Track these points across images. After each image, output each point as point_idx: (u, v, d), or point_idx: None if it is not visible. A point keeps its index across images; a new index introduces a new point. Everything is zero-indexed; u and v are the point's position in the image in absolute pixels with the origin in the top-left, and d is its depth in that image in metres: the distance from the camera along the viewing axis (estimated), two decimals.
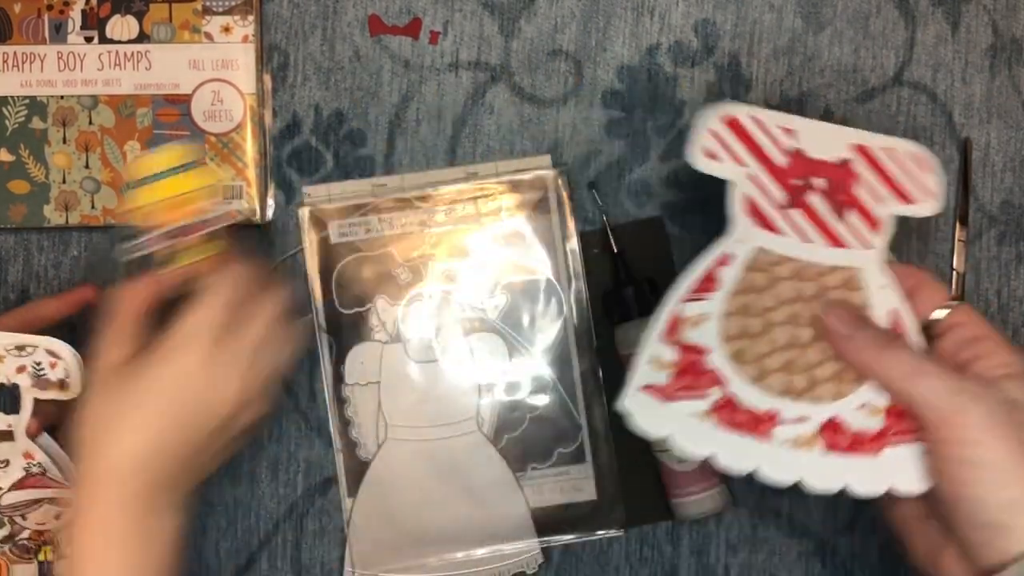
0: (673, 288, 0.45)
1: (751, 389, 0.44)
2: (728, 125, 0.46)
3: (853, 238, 0.45)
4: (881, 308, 0.44)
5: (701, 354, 0.44)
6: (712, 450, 0.44)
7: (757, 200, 0.45)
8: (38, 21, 0.56)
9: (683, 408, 0.44)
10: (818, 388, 0.44)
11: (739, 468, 0.44)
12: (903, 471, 0.43)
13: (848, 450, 0.43)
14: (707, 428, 0.44)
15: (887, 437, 0.43)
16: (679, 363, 0.44)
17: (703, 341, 0.44)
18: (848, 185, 0.45)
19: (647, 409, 0.44)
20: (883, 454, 0.43)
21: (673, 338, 0.45)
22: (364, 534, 0.56)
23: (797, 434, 0.43)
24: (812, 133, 0.46)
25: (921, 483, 0.42)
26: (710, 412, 0.44)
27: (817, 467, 0.43)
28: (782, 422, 0.43)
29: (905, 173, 0.46)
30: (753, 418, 0.44)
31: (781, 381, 0.44)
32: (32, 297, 0.57)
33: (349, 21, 0.57)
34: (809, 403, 0.43)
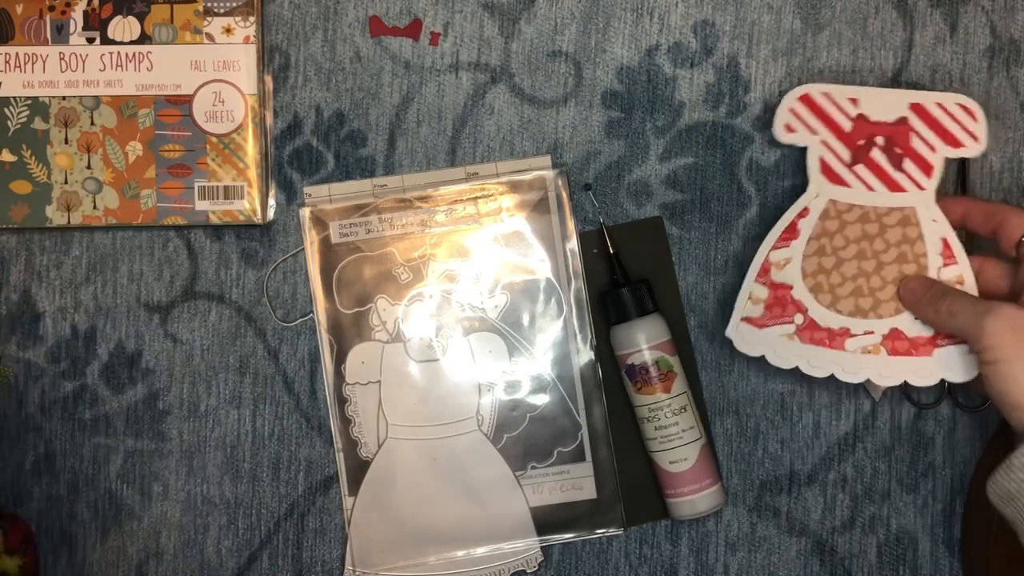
0: (765, 239, 0.54)
1: (827, 312, 0.53)
2: (802, 101, 0.54)
3: (909, 182, 0.53)
4: (933, 236, 0.53)
5: (787, 289, 0.54)
6: (798, 362, 0.53)
7: (829, 161, 0.54)
8: (40, 22, 0.56)
9: (774, 332, 0.54)
10: (881, 307, 0.53)
11: (821, 373, 0.53)
12: (951, 366, 0.52)
13: (906, 353, 0.53)
14: (794, 346, 0.53)
15: (937, 340, 0.52)
16: (769, 298, 0.54)
17: (788, 279, 0.54)
18: (906, 139, 0.53)
19: (746, 336, 0.54)
20: (934, 354, 0.52)
21: (764, 279, 0.54)
22: (365, 533, 0.56)
23: (865, 344, 0.53)
24: (874, 99, 0.54)
25: (966, 375, 0.52)
26: (795, 334, 0.54)
27: (882, 367, 0.53)
28: (853, 335, 0.53)
29: (954, 122, 0.53)
30: (830, 334, 0.53)
31: (851, 304, 0.53)
32: (34, 297, 0.57)
33: (350, 22, 0.57)
34: (874, 319, 0.53)
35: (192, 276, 0.57)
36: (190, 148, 0.56)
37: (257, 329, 0.57)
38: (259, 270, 0.57)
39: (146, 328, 0.57)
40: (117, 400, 0.57)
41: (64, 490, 0.57)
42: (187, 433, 0.57)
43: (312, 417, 0.57)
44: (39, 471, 0.57)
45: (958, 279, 0.52)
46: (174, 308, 0.57)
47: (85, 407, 0.57)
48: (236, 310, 0.57)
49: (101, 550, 0.57)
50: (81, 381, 0.57)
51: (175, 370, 0.57)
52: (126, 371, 0.57)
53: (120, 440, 0.57)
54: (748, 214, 0.57)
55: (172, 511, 0.57)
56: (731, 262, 0.57)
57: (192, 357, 0.57)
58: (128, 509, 0.57)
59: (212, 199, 0.56)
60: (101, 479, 0.57)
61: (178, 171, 0.56)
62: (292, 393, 0.57)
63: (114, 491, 0.57)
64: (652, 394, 0.53)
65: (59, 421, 0.57)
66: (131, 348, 0.57)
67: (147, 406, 0.57)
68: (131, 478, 0.57)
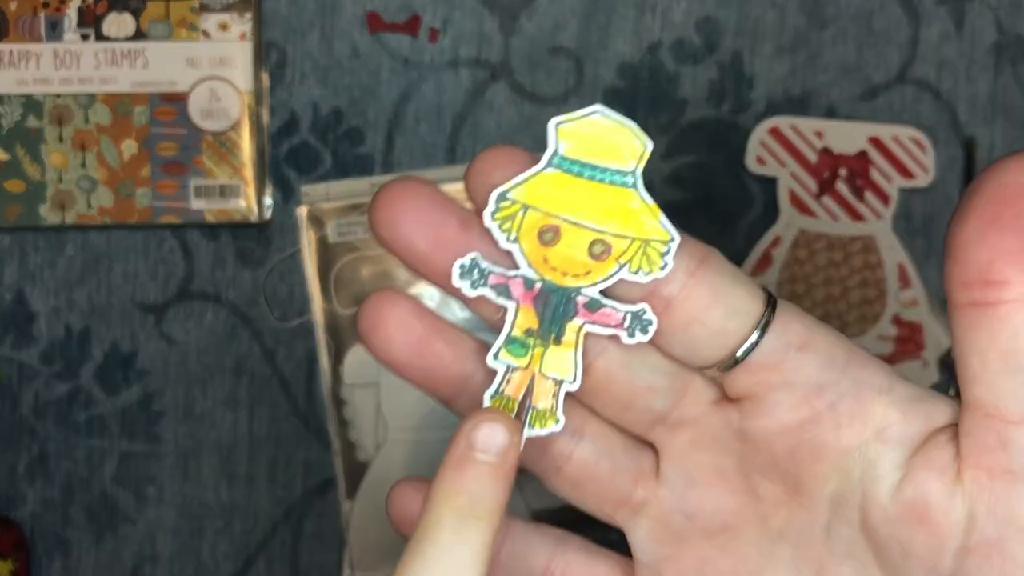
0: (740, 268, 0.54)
1: None
2: (772, 134, 0.56)
3: (869, 212, 0.56)
4: (891, 263, 0.56)
5: None
6: None
7: (797, 192, 0.56)
8: (34, 19, 0.56)
9: None
10: (847, 329, 0.57)
11: None
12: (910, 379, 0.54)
13: None
14: None
15: (897, 357, 0.56)
16: None
17: None
18: (866, 171, 0.56)
19: None
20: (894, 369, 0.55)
21: None
22: (363, 536, 0.56)
23: None
24: (837, 132, 0.56)
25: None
26: None
27: None
28: None
29: (907, 154, 0.56)
30: None
31: None
32: (29, 297, 0.57)
33: (347, 19, 0.56)
34: None
35: (187, 276, 0.57)
36: (185, 146, 0.56)
37: (253, 330, 0.57)
38: (255, 270, 0.57)
39: (141, 329, 0.57)
40: (111, 402, 0.57)
41: (58, 493, 0.57)
42: (182, 435, 0.57)
43: (309, 419, 0.57)
44: (33, 474, 0.57)
45: (912, 301, 0.56)
46: (169, 308, 0.57)
47: (79, 409, 0.57)
48: (232, 311, 0.57)
49: (96, 554, 0.57)
50: (75, 382, 0.57)
51: (170, 371, 0.57)
52: (120, 372, 0.57)
53: (115, 442, 0.57)
54: (752, 213, 0.57)
55: (167, 514, 0.57)
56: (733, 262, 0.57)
57: (187, 358, 0.57)
58: (123, 512, 0.57)
59: (208, 198, 0.56)
60: (95, 482, 0.57)
61: (173, 169, 0.56)
62: (289, 395, 0.57)
63: (109, 494, 0.57)
64: None
65: (53, 423, 0.57)
66: (126, 349, 0.57)
67: (142, 408, 0.57)
68: (126, 481, 0.57)
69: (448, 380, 0.26)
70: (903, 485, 0.24)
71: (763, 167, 0.56)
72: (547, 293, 0.24)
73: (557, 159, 0.24)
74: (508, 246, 0.24)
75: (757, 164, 0.56)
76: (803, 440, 0.25)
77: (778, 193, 0.56)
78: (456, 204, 0.25)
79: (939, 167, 0.56)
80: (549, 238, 0.24)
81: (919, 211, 0.57)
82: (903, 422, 0.25)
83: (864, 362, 0.25)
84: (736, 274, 0.25)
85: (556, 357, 0.25)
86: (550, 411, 0.25)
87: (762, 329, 0.25)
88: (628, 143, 0.24)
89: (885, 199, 0.56)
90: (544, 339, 0.25)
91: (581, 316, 0.25)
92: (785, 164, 0.56)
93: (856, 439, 0.24)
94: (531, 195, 0.24)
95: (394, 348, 0.26)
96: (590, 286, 0.24)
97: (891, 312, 0.56)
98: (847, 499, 0.25)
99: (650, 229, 0.24)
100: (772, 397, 0.25)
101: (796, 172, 0.56)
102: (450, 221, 0.24)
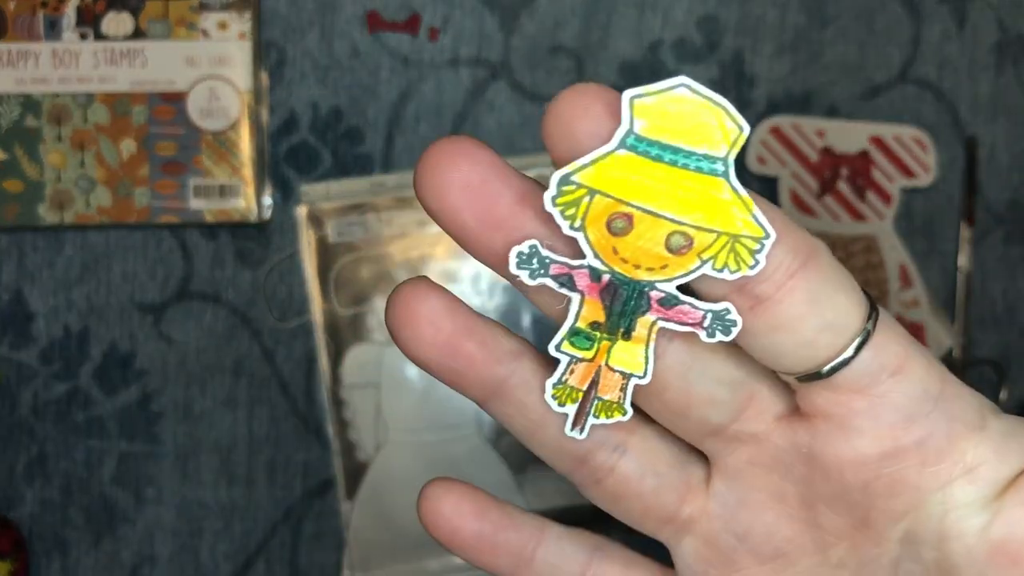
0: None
1: None
2: (772, 134, 0.56)
3: (871, 212, 0.57)
4: (893, 263, 0.56)
5: None
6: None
7: (798, 192, 0.57)
8: (33, 18, 0.56)
9: None
10: None
11: None
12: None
13: None
14: None
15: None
16: None
17: None
18: (867, 171, 0.56)
19: None
20: None
21: None
22: (363, 537, 0.56)
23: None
24: (838, 132, 0.56)
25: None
26: None
27: None
28: None
29: (909, 154, 0.56)
30: None
31: None
32: (27, 297, 0.57)
33: (347, 18, 0.56)
34: None
35: (186, 276, 0.57)
36: (184, 146, 0.55)
37: (252, 330, 0.56)
38: (254, 270, 0.56)
39: (140, 329, 0.57)
40: (110, 402, 0.57)
41: (57, 494, 0.57)
42: (181, 436, 0.57)
43: (309, 420, 0.56)
44: (32, 474, 0.57)
45: (914, 301, 0.55)
46: (168, 308, 0.57)
47: (78, 409, 0.57)
48: (231, 311, 0.56)
49: (94, 555, 0.57)
50: (74, 383, 0.57)
51: (169, 372, 0.57)
52: (119, 372, 0.57)
53: (113, 443, 0.57)
54: None
55: (166, 515, 0.57)
56: None
57: (186, 358, 0.57)
58: (122, 513, 0.57)
59: (207, 197, 0.56)
60: (94, 482, 0.57)
61: (172, 169, 0.56)
62: (288, 395, 0.56)
63: (107, 495, 0.57)
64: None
65: (52, 423, 0.57)
66: (124, 349, 0.57)
67: (140, 408, 0.57)
68: (125, 481, 0.57)
69: (480, 383, 0.24)
70: (994, 524, 0.22)
71: (764, 167, 0.56)
72: (616, 286, 0.22)
73: (632, 139, 0.20)
74: (572, 233, 0.21)
75: (758, 163, 0.56)
76: (881, 474, 0.22)
77: (779, 193, 0.56)
78: (515, 174, 0.21)
79: (940, 167, 0.56)
80: (620, 227, 0.21)
81: (920, 211, 0.57)
82: (996, 461, 0.22)
83: (958, 393, 0.23)
84: (840, 278, 0.22)
85: (625, 351, 0.22)
86: (617, 403, 0.23)
87: (858, 347, 0.22)
88: (721, 124, 0.21)
89: (887, 199, 0.56)
90: (612, 333, 0.22)
91: (655, 312, 0.22)
92: (786, 163, 0.56)
93: (942, 480, 0.22)
94: (599, 179, 0.21)
95: (422, 347, 0.23)
96: (666, 280, 0.22)
97: (892, 312, 0.56)
98: (922, 537, 0.23)
99: (741, 224, 0.21)
100: (854, 423, 0.22)
101: (797, 171, 0.56)
102: (505, 194, 0.21)
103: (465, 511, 0.25)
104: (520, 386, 0.24)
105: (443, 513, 0.25)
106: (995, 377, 0.57)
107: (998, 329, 0.57)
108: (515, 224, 0.21)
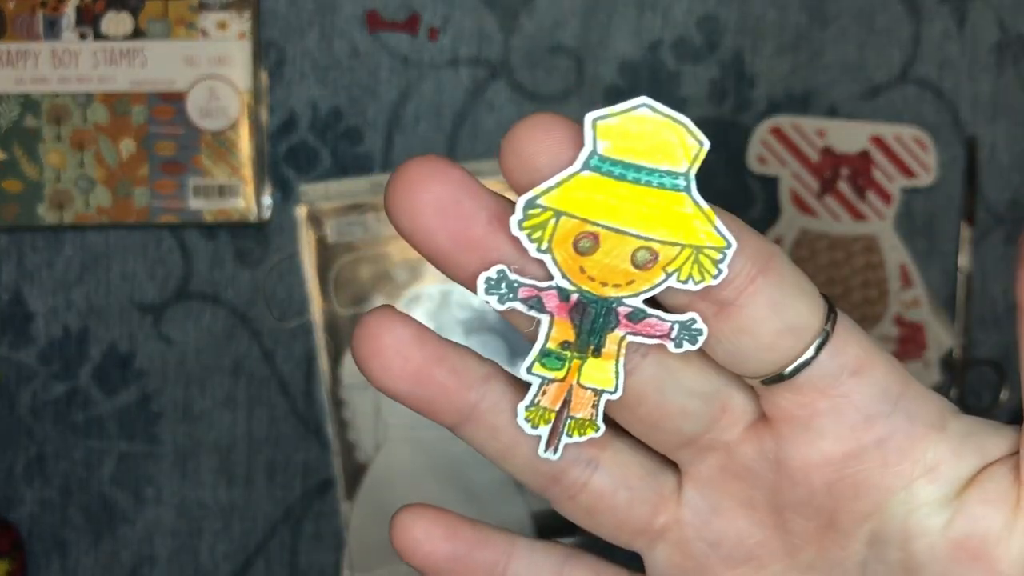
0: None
1: None
2: (773, 133, 0.56)
3: (871, 212, 0.57)
4: (893, 263, 0.56)
5: None
6: None
7: (798, 191, 0.57)
8: (32, 18, 0.56)
9: None
10: None
11: None
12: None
13: None
14: None
15: (898, 358, 0.57)
16: None
17: None
18: (868, 171, 0.56)
19: None
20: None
21: None
22: (362, 537, 0.55)
23: None
24: (839, 132, 0.56)
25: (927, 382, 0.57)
26: None
27: None
28: None
29: (909, 154, 0.56)
30: None
31: None
32: (27, 297, 0.57)
33: (347, 17, 0.56)
34: None
35: (186, 276, 0.57)
36: (184, 146, 0.55)
37: (252, 330, 0.56)
38: (254, 270, 0.56)
39: (139, 329, 0.57)
40: (110, 402, 0.57)
41: (56, 494, 0.57)
42: (181, 436, 0.57)
43: (308, 420, 0.56)
44: (31, 475, 0.57)
45: (914, 301, 0.55)
46: (167, 309, 0.57)
47: (77, 409, 0.57)
48: (231, 311, 0.56)
49: (94, 555, 0.57)
50: (73, 383, 0.57)
51: (168, 372, 0.57)
52: (119, 372, 0.57)
53: (113, 443, 0.57)
54: (753, 213, 0.56)
55: (166, 515, 0.57)
56: None
57: (186, 358, 0.57)
58: (121, 513, 0.57)
59: (206, 197, 0.56)
60: (93, 483, 0.57)
61: (172, 169, 0.55)
62: (288, 396, 0.56)
63: (107, 495, 0.57)
64: None
65: (51, 424, 0.57)
66: (124, 349, 0.57)
67: (140, 408, 0.57)
68: (124, 482, 0.57)
69: (452, 410, 0.24)
70: (955, 521, 0.23)
71: (764, 166, 0.56)
72: (585, 304, 0.22)
73: (596, 160, 0.21)
74: (539, 256, 0.22)
75: (758, 163, 0.56)
76: (844, 475, 0.23)
77: (779, 192, 0.56)
78: (486, 193, 0.21)
79: (941, 166, 0.56)
80: (586, 246, 0.22)
81: (921, 211, 0.57)
82: (955, 460, 0.23)
83: (918, 393, 0.23)
84: (799, 281, 0.23)
85: (595, 368, 0.23)
86: (589, 420, 0.23)
87: (817, 347, 0.22)
88: (682, 141, 0.21)
89: (887, 199, 0.56)
90: (582, 351, 0.23)
91: (623, 327, 0.22)
92: (786, 163, 0.56)
93: (903, 479, 0.23)
94: (565, 201, 0.21)
95: (392, 379, 0.23)
96: (632, 296, 0.22)
97: (893, 312, 0.56)
98: (887, 537, 0.23)
99: (704, 235, 0.22)
100: (816, 423, 0.23)
101: (797, 171, 0.56)
102: (478, 215, 0.21)
103: (436, 535, 0.25)
104: (491, 410, 0.24)
105: (416, 538, 0.25)
106: (995, 377, 0.57)
107: (998, 329, 0.57)
108: (489, 244, 0.22)
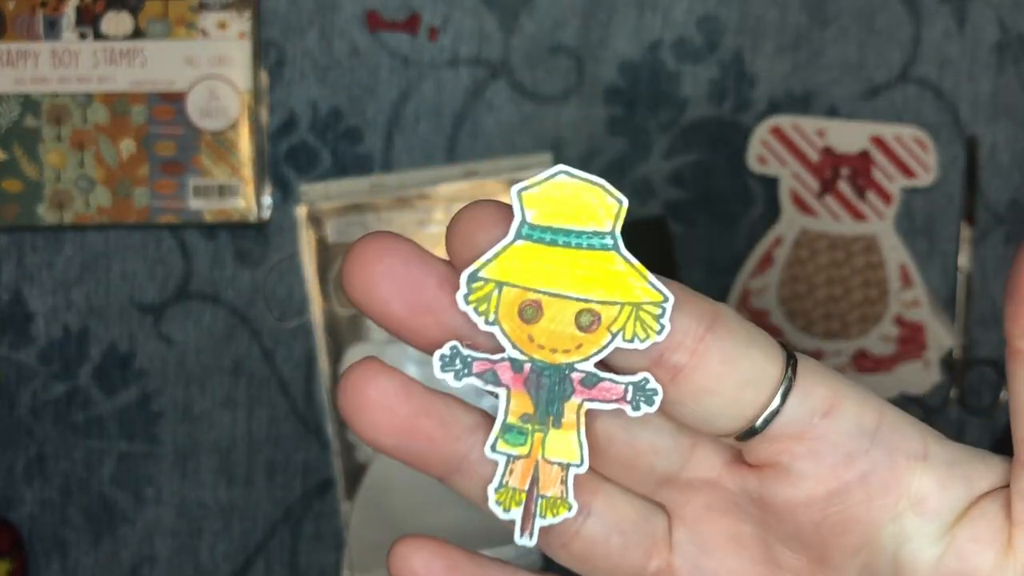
0: (742, 269, 0.57)
1: (801, 335, 0.58)
2: (773, 133, 0.56)
3: (871, 212, 0.57)
4: (893, 263, 0.56)
5: (764, 316, 0.58)
6: None
7: (798, 191, 0.57)
8: (32, 18, 0.56)
9: None
10: (848, 329, 0.57)
11: None
12: (910, 382, 0.57)
13: (872, 370, 0.57)
14: None
15: (899, 358, 0.57)
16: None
17: (765, 306, 0.58)
18: (868, 171, 0.57)
19: None
20: (895, 371, 0.57)
21: (744, 307, 0.58)
22: (362, 537, 0.55)
23: (836, 363, 0.58)
24: (839, 132, 0.56)
25: (921, 389, 0.57)
26: None
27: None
28: (824, 355, 0.58)
29: (909, 154, 0.56)
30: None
31: (822, 327, 0.58)
32: (27, 297, 0.57)
33: (347, 17, 0.56)
34: (843, 340, 0.57)
35: (186, 276, 0.57)
36: (184, 146, 0.55)
37: (252, 330, 0.56)
38: (254, 270, 0.56)
39: (139, 329, 0.57)
40: (110, 402, 0.57)
41: (56, 494, 0.57)
42: (181, 436, 0.57)
43: (308, 420, 0.56)
44: (31, 475, 0.57)
45: (914, 301, 0.56)
46: (167, 309, 0.57)
47: (77, 409, 0.57)
48: (231, 311, 0.56)
49: (94, 555, 0.57)
50: (73, 383, 0.57)
51: (168, 372, 0.57)
52: (119, 372, 0.57)
53: (113, 443, 0.57)
54: (753, 213, 0.56)
55: (166, 515, 0.57)
56: (734, 262, 0.57)
57: (186, 358, 0.56)
58: (121, 513, 0.57)
59: (206, 197, 0.55)
60: (93, 483, 0.57)
61: (172, 169, 0.55)
62: (288, 396, 0.56)
63: (107, 495, 0.57)
64: None
65: (51, 424, 0.57)
66: (124, 349, 0.57)
67: (140, 408, 0.57)
68: (124, 482, 0.57)
69: (441, 461, 0.24)
70: (946, 558, 0.22)
71: (764, 166, 0.56)
72: (538, 374, 0.22)
73: (526, 229, 0.22)
74: (488, 328, 0.22)
75: (758, 163, 0.56)
76: (830, 513, 0.23)
77: (779, 192, 0.56)
78: (435, 260, 0.22)
79: (941, 166, 0.56)
80: (531, 314, 0.22)
81: (921, 210, 0.57)
82: (941, 492, 0.23)
83: (896, 424, 0.23)
84: (750, 334, 0.23)
85: (558, 440, 0.23)
86: (561, 498, 0.23)
87: (783, 396, 0.22)
88: (601, 201, 0.22)
89: (887, 198, 0.56)
90: (543, 423, 0.23)
91: (579, 394, 0.23)
92: (786, 163, 0.56)
93: (889, 512, 0.23)
94: (504, 271, 0.22)
95: (379, 433, 0.23)
96: (583, 360, 0.22)
97: (893, 312, 0.56)
98: (879, 570, 0.23)
99: (639, 292, 0.22)
100: (797, 467, 0.23)
101: (798, 171, 0.56)
102: (428, 281, 0.22)
103: (436, 568, 0.25)
104: (480, 460, 0.24)
105: (414, 570, 0.25)
106: (995, 377, 0.57)
107: (999, 329, 0.57)
108: (442, 307, 0.22)
